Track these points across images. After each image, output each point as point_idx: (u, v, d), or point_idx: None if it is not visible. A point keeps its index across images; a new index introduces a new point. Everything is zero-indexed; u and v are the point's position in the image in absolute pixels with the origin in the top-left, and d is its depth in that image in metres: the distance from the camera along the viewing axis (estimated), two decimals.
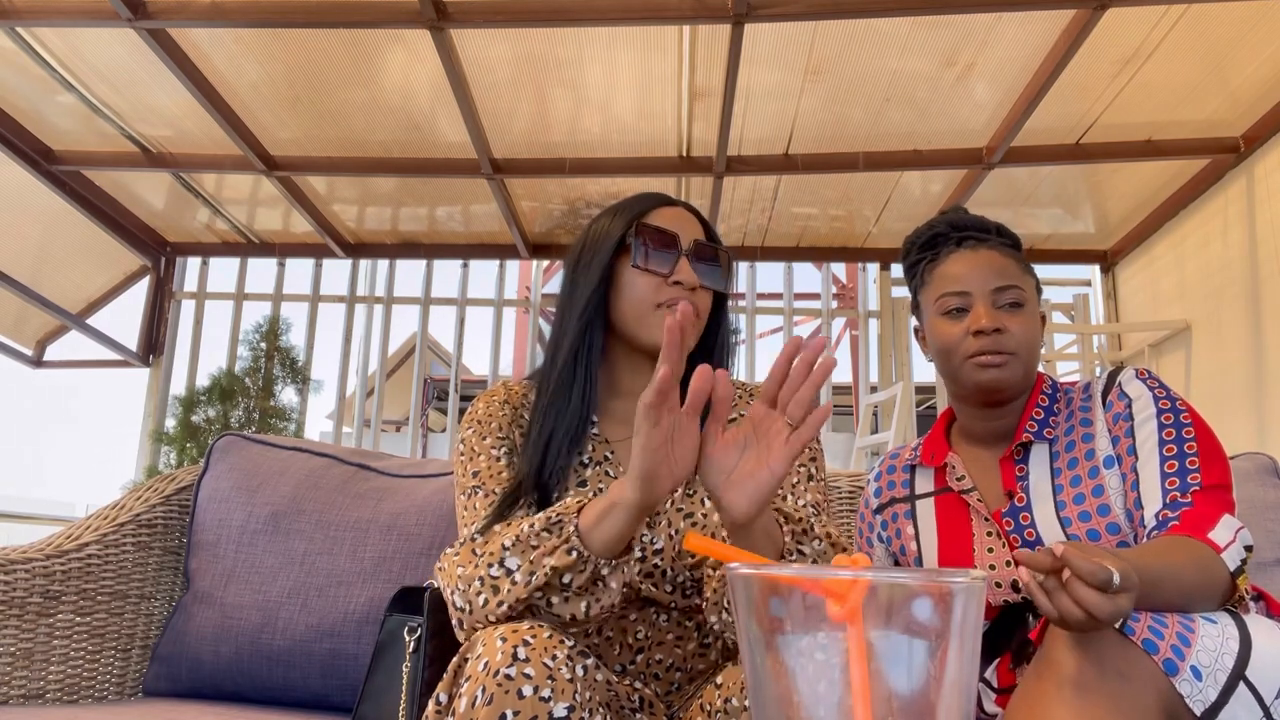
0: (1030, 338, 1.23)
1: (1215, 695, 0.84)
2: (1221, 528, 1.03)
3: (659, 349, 1.10)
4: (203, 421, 4.55)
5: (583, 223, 4.70)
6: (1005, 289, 1.23)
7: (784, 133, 3.80)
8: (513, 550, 0.92)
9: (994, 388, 1.22)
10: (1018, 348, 1.21)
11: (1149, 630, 0.87)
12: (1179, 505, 1.07)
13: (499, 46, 3.26)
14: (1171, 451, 1.12)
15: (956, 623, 0.51)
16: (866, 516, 1.41)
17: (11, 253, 4.42)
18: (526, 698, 0.80)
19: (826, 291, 5.32)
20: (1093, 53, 3.11)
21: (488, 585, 0.92)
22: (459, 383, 5.23)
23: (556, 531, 0.91)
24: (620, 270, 1.13)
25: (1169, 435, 1.13)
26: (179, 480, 1.70)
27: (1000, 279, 1.23)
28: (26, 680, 1.39)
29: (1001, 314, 1.22)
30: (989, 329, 1.20)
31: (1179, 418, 1.14)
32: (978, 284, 1.23)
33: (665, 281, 1.10)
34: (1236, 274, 3.75)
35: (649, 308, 1.10)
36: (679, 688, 1.08)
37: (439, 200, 4.64)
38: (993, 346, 1.20)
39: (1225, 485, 1.10)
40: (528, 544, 0.92)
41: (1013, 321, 1.22)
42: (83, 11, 3.04)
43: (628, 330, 1.13)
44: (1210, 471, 1.10)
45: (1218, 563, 0.99)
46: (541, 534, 0.92)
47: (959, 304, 1.24)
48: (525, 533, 0.93)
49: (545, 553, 0.90)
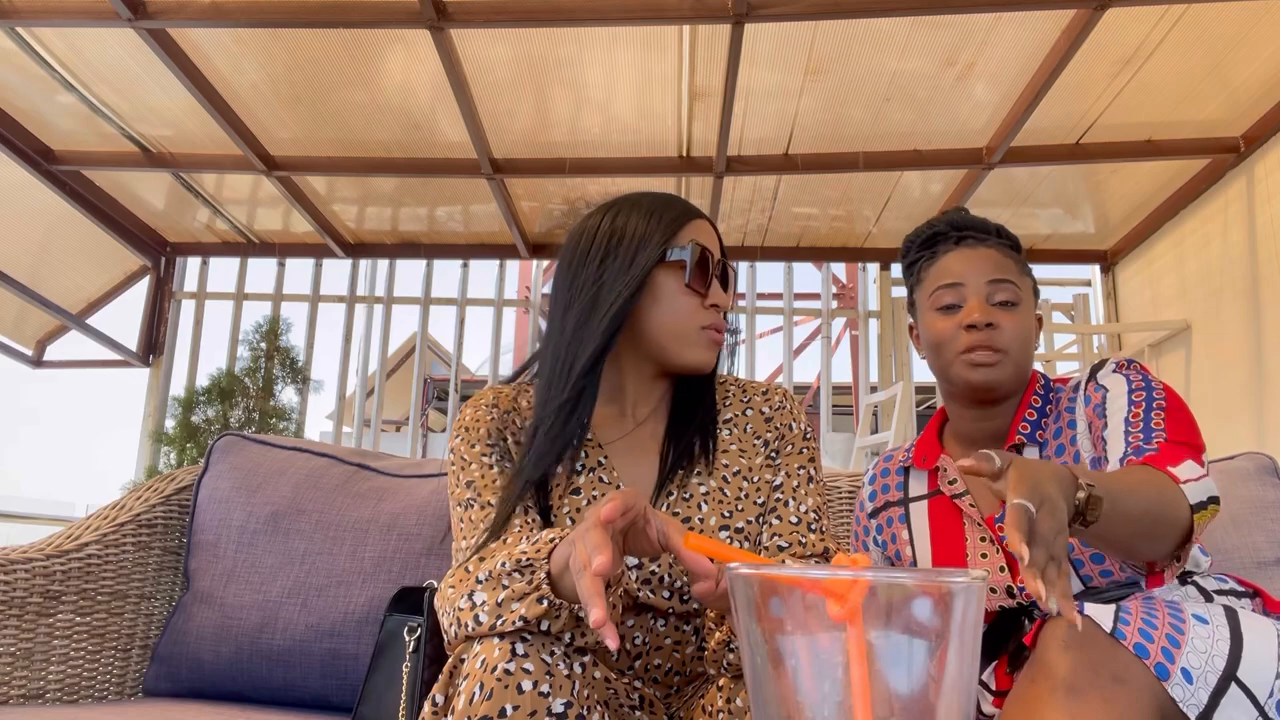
0: (1023, 337, 1.21)
1: (1207, 698, 0.83)
2: (1184, 468, 1.01)
3: (693, 368, 1.11)
4: (202, 421, 4.55)
5: None
6: (1000, 283, 1.21)
7: (784, 133, 3.80)
8: (484, 586, 0.89)
9: (985, 387, 1.20)
10: (1009, 345, 1.19)
11: (1139, 633, 0.86)
12: (1142, 452, 1.05)
13: (499, 46, 3.26)
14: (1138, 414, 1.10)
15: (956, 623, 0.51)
16: (862, 520, 1.40)
17: (11, 253, 4.42)
18: (526, 693, 0.80)
19: (826, 291, 5.32)
20: (1092, 53, 3.11)
21: (469, 614, 0.89)
22: (459, 383, 5.24)
23: (527, 576, 0.86)
24: (660, 280, 1.09)
25: (1138, 398, 1.12)
26: (179, 480, 1.70)
27: (996, 273, 1.22)
28: (26, 680, 1.39)
29: (995, 310, 1.20)
30: (981, 323, 1.18)
31: (1151, 392, 1.13)
32: (973, 278, 1.22)
33: (704, 303, 1.10)
34: (1236, 274, 3.75)
35: (693, 329, 1.09)
36: (678, 690, 1.07)
37: (439, 200, 4.64)
38: (984, 341, 1.18)
39: (1193, 445, 1.07)
40: (499, 583, 0.88)
41: (1006, 319, 1.20)
42: (83, 11, 3.04)
43: (658, 343, 1.10)
44: (1178, 430, 1.07)
45: (1178, 492, 0.97)
46: (513, 574, 0.87)
47: (952, 299, 1.22)
48: (497, 570, 0.88)
49: (514, 597, 0.86)
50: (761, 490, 1.11)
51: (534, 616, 0.84)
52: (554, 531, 0.90)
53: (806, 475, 1.13)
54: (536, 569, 0.86)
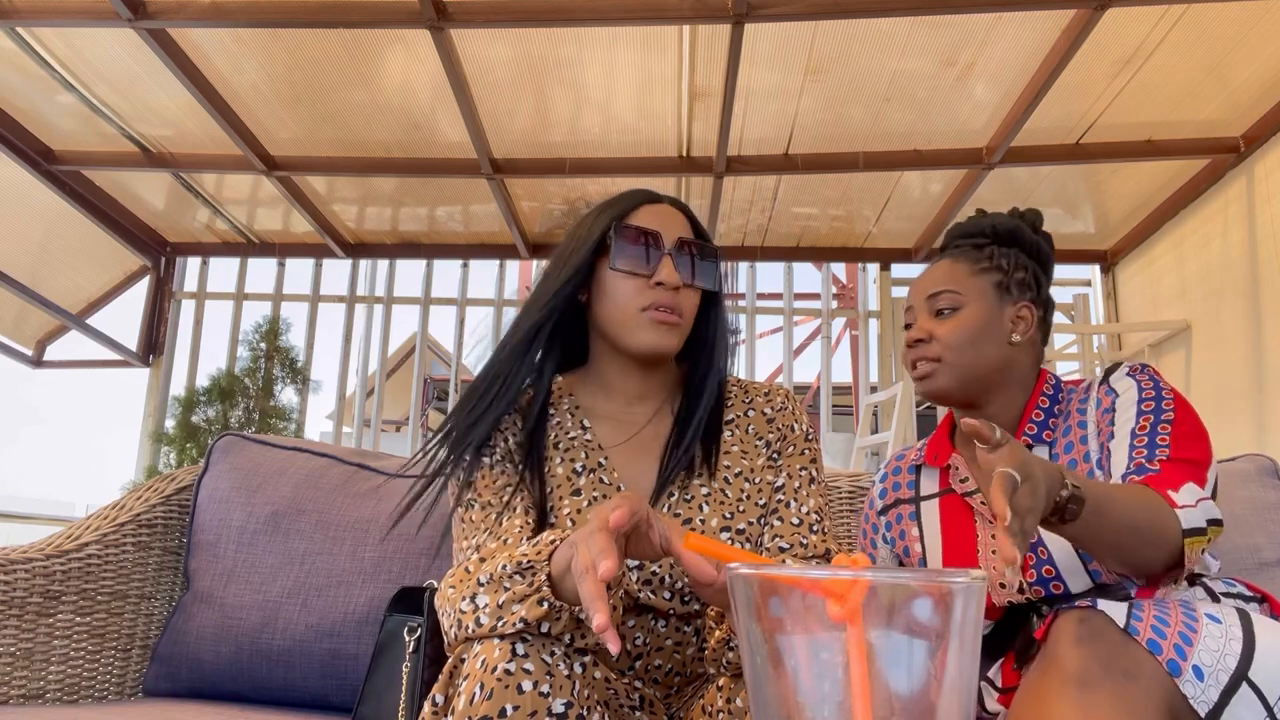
0: (959, 340, 1.22)
1: (1217, 696, 0.84)
2: (1183, 492, 1.02)
3: (646, 353, 1.09)
4: (202, 422, 4.55)
5: None
6: (936, 295, 1.25)
7: (784, 133, 3.80)
8: (485, 588, 0.88)
9: (930, 397, 1.24)
10: (941, 352, 1.22)
11: (1152, 630, 0.86)
12: (1144, 470, 1.06)
13: (499, 46, 3.26)
14: (1145, 428, 1.11)
15: (956, 623, 0.51)
16: (871, 517, 1.40)
17: (11, 253, 4.42)
18: (526, 693, 0.80)
19: (826, 291, 5.32)
20: (1093, 53, 3.11)
21: (470, 616, 0.89)
22: (459, 383, 5.24)
23: (528, 578, 0.86)
24: (601, 272, 1.10)
25: (1147, 408, 1.12)
26: (179, 480, 1.70)
27: (935, 286, 1.25)
28: (26, 680, 1.39)
29: (931, 322, 1.24)
30: (911, 340, 1.24)
31: (1160, 403, 1.13)
32: (919, 297, 1.27)
33: (648, 283, 1.07)
34: (1236, 274, 3.75)
35: (633, 312, 1.08)
36: (678, 691, 1.07)
37: (439, 200, 4.64)
38: (916, 355, 1.24)
39: (1199, 462, 1.08)
40: (500, 585, 0.87)
41: (941, 327, 1.23)
42: (83, 11, 3.04)
43: (612, 334, 1.10)
44: (1182, 447, 1.08)
45: (1170, 514, 0.98)
46: (514, 576, 0.87)
47: (909, 318, 1.29)
48: (498, 573, 0.88)
49: (515, 599, 0.86)
50: (763, 491, 1.11)
51: (534, 619, 0.84)
52: (554, 533, 0.90)
53: (808, 476, 1.12)
54: (537, 571, 0.85)
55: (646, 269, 1.08)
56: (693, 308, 1.11)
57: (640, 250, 1.08)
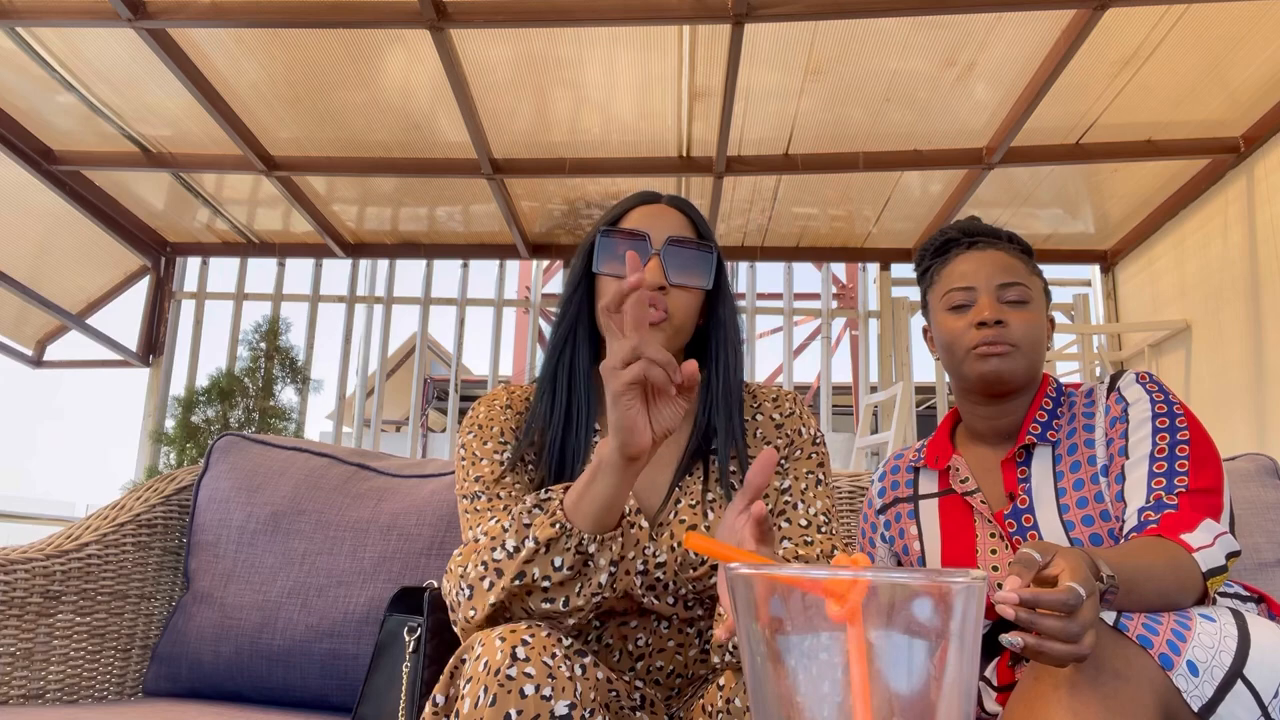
0: (1033, 334, 1.24)
1: (1212, 692, 0.84)
2: (1200, 531, 1.04)
3: None
4: (202, 422, 4.55)
5: (582, 223, 4.72)
6: (1010, 285, 1.25)
7: (784, 133, 3.80)
8: (510, 531, 0.94)
9: (995, 378, 1.23)
10: (1019, 341, 1.22)
11: (1143, 627, 0.87)
12: (1163, 506, 1.08)
13: (499, 46, 3.25)
14: (1163, 454, 1.13)
15: (956, 623, 0.51)
16: (870, 517, 1.41)
17: (11, 253, 4.42)
18: (528, 696, 0.80)
19: (826, 291, 5.32)
20: (1093, 53, 3.11)
21: (490, 569, 0.93)
22: (459, 383, 5.24)
23: (545, 508, 0.93)
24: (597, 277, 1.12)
25: (1163, 439, 1.14)
26: (179, 480, 1.70)
27: (1005, 275, 1.25)
28: (26, 680, 1.39)
29: (1004, 308, 1.24)
30: (990, 320, 1.22)
31: (1175, 422, 1.15)
32: (983, 279, 1.26)
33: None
34: (1236, 274, 3.75)
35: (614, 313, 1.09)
36: (679, 691, 1.07)
37: (439, 200, 4.64)
38: (994, 337, 1.22)
39: (1214, 489, 1.10)
40: (520, 523, 0.93)
41: (1016, 316, 1.23)
42: (83, 11, 3.04)
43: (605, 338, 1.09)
44: (1199, 475, 1.10)
45: (1191, 563, 1.01)
46: (533, 510, 0.93)
47: (964, 299, 1.26)
48: (517, 512, 0.94)
49: (535, 528, 0.92)
50: (770, 496, 1.11)
51: (545, 539, 0.90)
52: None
53: (815, 479, 1.12)
54: (553, 499, 0.93)
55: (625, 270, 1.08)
56: (685, 306, 1.10)
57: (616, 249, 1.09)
